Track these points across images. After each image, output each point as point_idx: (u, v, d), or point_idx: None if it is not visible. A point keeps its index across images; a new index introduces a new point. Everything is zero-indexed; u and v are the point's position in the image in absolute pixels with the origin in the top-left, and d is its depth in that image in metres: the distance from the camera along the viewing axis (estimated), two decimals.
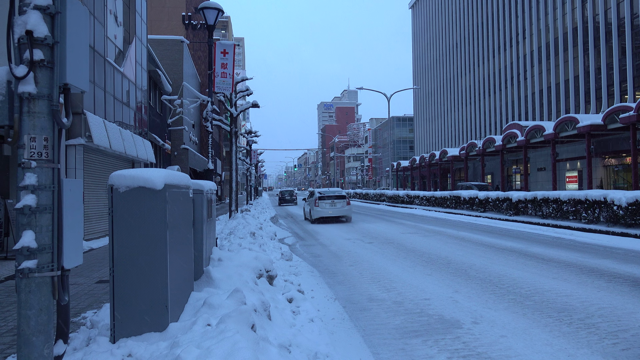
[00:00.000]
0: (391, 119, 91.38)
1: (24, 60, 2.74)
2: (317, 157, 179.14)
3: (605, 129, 29.52)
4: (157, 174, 4.02)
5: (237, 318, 3.64)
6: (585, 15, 43.46)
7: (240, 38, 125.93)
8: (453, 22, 73.67)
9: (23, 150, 2.75)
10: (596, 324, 5.37)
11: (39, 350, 2.75)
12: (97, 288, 7.43)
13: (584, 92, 43.57)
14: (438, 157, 54.97)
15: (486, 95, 62.81)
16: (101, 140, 13.70)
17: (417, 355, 4.63)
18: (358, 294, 7.37)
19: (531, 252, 10.96)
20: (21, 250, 2.72)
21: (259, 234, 12.34)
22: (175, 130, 30.44)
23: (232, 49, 14.46)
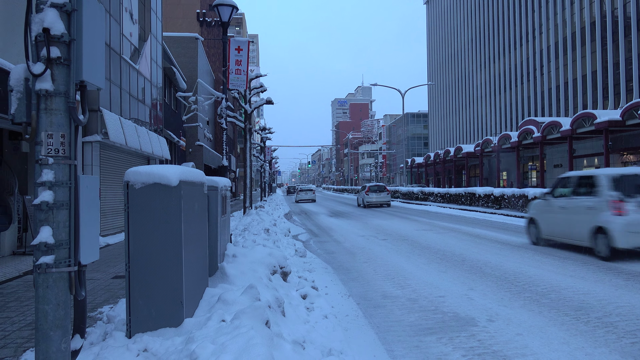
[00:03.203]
0: (405, 115, 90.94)
1: (41, 58, 2.77)
2: (331, 153, 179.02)
3: (623, 124, 29.05)
4: (172, 171, 4.04)
5: (251, 314, 3.65)
6: (603, 9, 42.75)
7: (254, 35, 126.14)
8: (468, 17, 72.97)
9: (40, 147, 2.77)
10: (614, 322, 5.30)
11: (56, 344, 2.78)
12: (114, 283, 7.51)
13: (602, 87, 42.91)
14: (453, 153, 54.58)
15: (502, 91, 62.17)
16: (117, 137, 13.83)
17: (431, 352, 4.61)
18: (372, 290, 7.36)
19: (547, 249, 10.84)
20: (39, 245, 2.75)
21: (273, 230, 12.38)
22: (190, 127, 30.62)
23: (246, 46, 14.50)
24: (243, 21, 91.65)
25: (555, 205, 11.20)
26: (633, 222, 9.05)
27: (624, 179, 9.67)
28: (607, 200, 9.50)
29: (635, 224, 9.05)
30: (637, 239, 9.05)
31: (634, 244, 9.05)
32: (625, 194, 9.36)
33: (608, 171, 10.10)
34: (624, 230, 9.07)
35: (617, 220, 9.20)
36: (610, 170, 10.19)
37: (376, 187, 32.30)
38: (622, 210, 9.23)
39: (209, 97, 31.25)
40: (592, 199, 9.98)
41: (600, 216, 9.55)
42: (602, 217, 9.48)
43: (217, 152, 40.26)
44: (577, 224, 10.30)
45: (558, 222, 11.02)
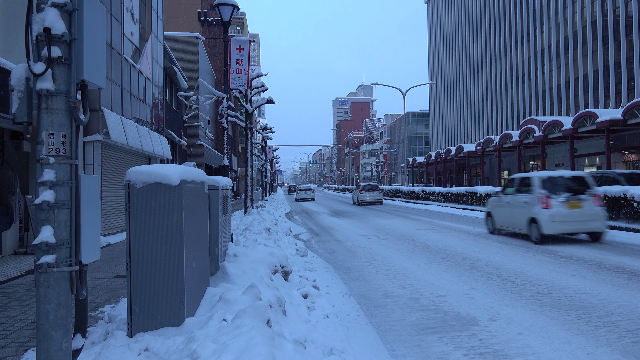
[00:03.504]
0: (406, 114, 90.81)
1: (42, 58, 2.77)
2: (332, 153, 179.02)
3: (625, 124, 29.02)
4: (173, 170, 4.04)
5: (252, 313, 3.65)
6: (604, 8, 42.68)
7: (255, 34, 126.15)
8: (469, 16, 72.90)
9: (41, 146, 2.78)
10: (616, 322, 5.29)
11: (57, 344, 2.79)
12: (115, 283, 7.52)
13: (603, 86, 42.85)
14: (454, 153, 54.56)
15: (503, 90, 62.11)
16: (118, 137, 13.84)
17: (433, 352, 4.61)
18: (373, 290, 7.36)
19: (549, 249, 10.83)
20: (40, 245, 2.75)
21: (274, 229, 12.38)
22: (191, 127, 30.63)
23: (247, 45, 14.50)
24: (244, 20, 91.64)
25: (505, 201, 13.71)
26: (556, 214, 11.54)
27: (551, 179, 12.17)
28: (538, 196, 11.89)
29: (558, 215, 11.53)
30: (559, 227, 11.56)
31: (557, 231, 11.57)
32: (552, 192, 11.84)
33: (539, 173, 12.53)
34: (549, 220, 11.52)
35: (544, 212, 11.62)
36: (541, 172, 12.66)
37: (369, 187, 35.30)
38: (548, 205, 11.66)
39: (210, 97, 31.27)
40: (528, 195, 12.39)
41: (533, 209, 11.95)
42: (534, 210, 11.88)
43: (218, 151, 40.28)
44: (518, 216, 12.75)
45: (506, 215, 13.55)
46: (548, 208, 11.61)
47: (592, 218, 11.79)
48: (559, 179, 12.30)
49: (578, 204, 11.74)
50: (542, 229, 11.55)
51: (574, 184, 12.21)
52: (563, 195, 11.77)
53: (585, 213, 11.74)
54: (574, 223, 11.69)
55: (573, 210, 11.69)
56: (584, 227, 11.83)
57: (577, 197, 11.82)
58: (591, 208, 11.81)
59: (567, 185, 12.15)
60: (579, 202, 11.75)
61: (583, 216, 11.73)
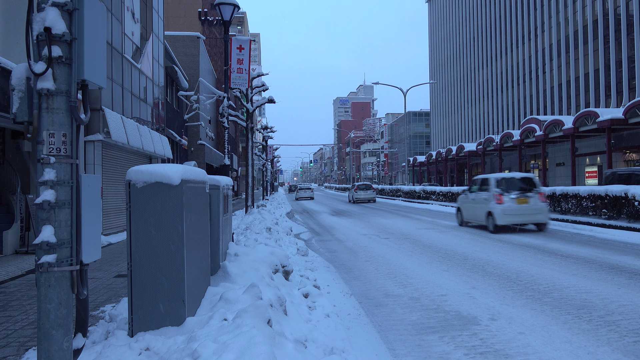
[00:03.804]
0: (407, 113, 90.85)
1: (43, 57, 2.77)
2: (333, 152, 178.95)
3: (626, 123, 29.00)
4: (174, 170, 4.04)
5: (253, 313, 3.65)
6: (605, 7, 42.63)
7: (256, 34, 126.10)
8: (470, 15, 72.85)
9: (42, 146, 2.77)
10: (617, 321, 5.29)
11: (58, 343, 2.79)
12: (116, 282, 7.52)
13: (604, 85, 42.80)
14: (455, 152, 54.54)
15: (504, 89, 62.06)
16: (119, 136, 13.84)
17: (433, 351, 4.61)
18: (374, 289, 7.36)
19: (549, 248, 10.83)
20: (41, 244, 2.75)
21: (275, 229, 12.38)
22: (191, 126, 30.64)
23: (248, 45, 14.49)
24: (245, 20, 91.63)
25: (470, 198, 16.19)
26: (507, 208, 13.96)
27: (505, 180, 14.73)
28: (494, 194, 14.31)
29: (509, 209, 13.95)
30: (510, 219, 13.99)
31: (508, 222, 14.05)
32: (504, 190, 14.23)
33: (495, 175, 15.17)
34: (502, 214, 13.96)
35: (498, 207, 14.05)
36: (496, 174, 15.28)
37: (364, 186, 38.08)
38: (501, 201, 14.06)
39: (210, 96, 31.27)
40: (486, 193, 14.81)
41: (489, 204, 14.42)
42: (491, 205, 14.33)
43: (219, 151, 40.28)
44: (479, 210, 15.22)
45: (471, 210, 16.05)
46: (501, 203, 14.05)
47: (537, 212, 14.17)
48: (511, 180, 14.77)
49: (526, 200, 14.08)
50: (496, 220, 14.03)
51: (524, 184, 14.57)
52: (514, 193, 14.15)
53: (532, 208, 14.10)
54: (522, 216, 14.09)
55: (521, 205, 14.03)
56: (530, 219, 14.24)
57: (525, 195, 14.14)
58: (537, 203, 14.17)
59: (518, 185, 14.54)
60: (526, 198, 14.08)
61: (530, 210, 14.08)
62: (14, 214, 10.85)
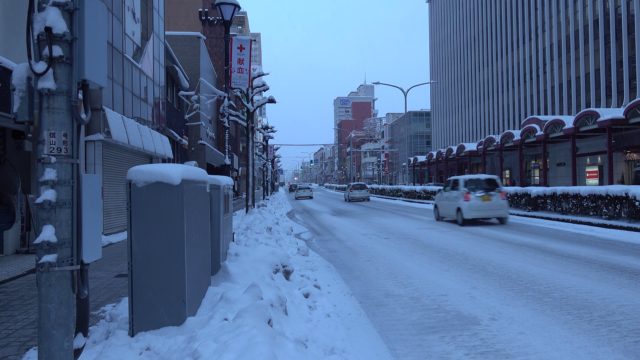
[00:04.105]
0: (408, 113, 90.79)
1: (43, 57, 2.77)
2: (334, 152, 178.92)
3: (627, 123, 28.97)
4: (175, 169, 4.04)
5: (253, 313, 3.65)
6: (606, 7, 42.60)
7: (257, 33, 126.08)
8: (471, 15, 72.81)
9: (43, 145, 2.77)
10: (617, 321, 5.29)
11: (59, 343, 2.79)
12: (116, 282, 7.52)
13: (605, 85, 42.77)
14: (455, 152, 54.51)
15: (504, 89, 62.04)
16: (120, 136, 13.85)
17: (434, 351, 4.60)
18: (375, 289, 7.36)
19: (550, 248, 10.83)
20: (41, 244, 2.75)
21: (276, 229, 12.38)
22: (192, 126, 30.63)
23: (248, 45, 14.49)
24: (245, 20, 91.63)
25: (444, 196, 18.56)
26: (473, 204, 16.42)
27: (471, 180, 17.14)
28: (462, 193, 16.74)
29: (474, 206, 16.41)
30: (475, 214, 16.45)
31: (473, 216, 16.46)
32: (470, 189, 16.67)
33: (463, 176, 17.62)
34: (468, 209, 16.45)
35: (465, 204, 16.53)
36: (465, 176, 17.86)
37: (359, 186, 41.19)
38: (468, 198, 16.51)
39: (211, 96, 31.27)
40: (456, 192, 17.24)
41: (459, 201, 16.88)
42: (459, 202, 16.79)
43: (220, 150, 40.28)
44: (451, 207, 17.66)
45: (445, 206, 18.42)
46: (468, 201, 16.50)
47: (498, 208, 16.63)
48: (477, 180, 17.13)
49: (489, 198, 16.52)
50: (463, 215, 16.54)
51: (488, 184, 16.91)
52: (479, 192, 16.57)
53: (494, 204, 16.54)
54: (485, 211, 16.56)
55: (485, 202, 16.48)
56: (493, 213, 16.73)
57: (489, 193, 16.60)
58: (498, 201, 16.60)
59: (483, 185, 16.87)
60: (489, 196, 16.53)
61: (492, 206, 16.55)
62: (14, 214, 10.86)
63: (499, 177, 22.25)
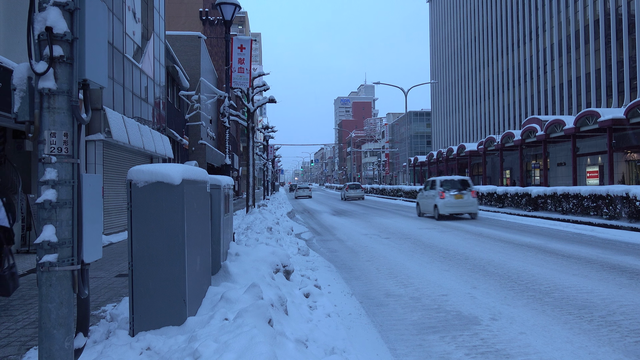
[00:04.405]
0: (408, 113, 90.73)
1: (44, 57, 2.76)
2: (334, 152, 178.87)
3: (627, 123, 28.93)
4: (175, 169, 4.04)
5: (254, 312, 3.65)
6: (607, 7, 42.57)
7: (257, 33, 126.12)
8: (471, 15, 72.77)
9: (43, 145, 2.77)
10: (618, 321, 5.28)
11: (59, 342, 2.79)
12: (117, 282, 7.53)
13: (606, 85, 42.74)
14: (456, 152, 54.46)
15: (505, 89, 62.01)
16: (120, 136, 13.85)
17: (434, 351, 4.60)
18: (375, 289, 7.36)
19: (551, 248, 10.82)
20: (42, 244, 2.75)
21: (276, 229, 12.37)
22: (192, 126, 30.63)
23: (249, 44, 14.48)
24: (246, 20, 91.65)
25: (424, 195, 20.98)
26: (447, 202, 18.76)
27: (446, 181, 19.40)
28: (438, 192, 19.04)
29: (448, 203, 18.75)
30: (449, 210, 18.80)
31: (448, 212, 18.88)
32: (445, 189, 18.95)
33: (440, 177, 19.92)
34: (443, 206, 18.82)
35: (440, 201, 18.88)
36: (441, 177, 20.00)
37: (354, 185, 45.06)
38: (443, 196, 18.83)
39: (211, 96, 31.26)
40: (434, 191, 19.60)
41: (435, 199, 19.19)
42: (436, 200, 19.12)
43: (220, 150, 40.28)
44: (429, 204, 20.03)
45: (425, 204, 20.86)
46: (443, 198, 18.81)
47: (469, 205, 18.92)
48: (451, 181, 19.37)
49: (461, 196, 18.79)
50: (439, 211, 18.97)
51: (461, 184, 19.13)
52: (453, 191, 18.86)
53: (465, 202, 18.83)
54: (458, 207, 18.82)
55: (458, 200, 18.78)
56: (464, 210, 18.96)
57: (461, 192, 18.88)
58: (469, 198, 18.88)
59: (457, 185, 19.08)
60: (461, 195, 18.80)
61: (464, 203, 18.82)
62: (15, 214, 10.85)
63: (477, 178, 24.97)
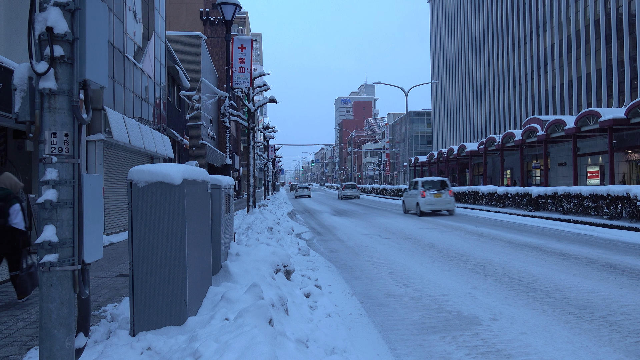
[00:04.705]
0: (409, 113, 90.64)
1: (45, 57, 2.76)
2: (335, 152, 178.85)
3: (628, 123, 28.92)
4: (176, 169, 4.04)
5: (254, 312, 3.65)
6: (607, 7, 42.54)
7: (258, 33, 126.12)
8: (472, 15, 72.74)
9: (44, 145, 2.78)
10: (619, 321, 5.28)
11: (60, 342, 2.79)
12: (117, 282, 7.53)
13: (606, 85, 42.71)
14: (456, 152, 54.45)
15: (505, 89, 61.98)
16: (121, 136, 13.85)
17: (435, 351, 4.60)
18: (375, 289, 7.35)
19: (551, 248, 10.82)
20: (42, 244, 2.75)
21: (277, 229, 12.37)
22: (193, 126, 30.64)
23: (249, 44, 14.48)
24: (246, 20, 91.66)
25: (409, 194, 23.57)
26: (428, 200, 21.27)
27: (427, 182, 21.97)
28: (420, 191, 21.56)
29: (429, 201, 21.26)
30: (429, 207, 21.37)
31: (428, 209, 21.48)
32: (426, 189, 21.56)
33: (421, 178, 22.34)
34: (424, 204, 21.34)
35: (422, 199, 21.38)
36: (422, 178, 22.40)
37: (350, 185, 48.34)
38: (424, 195, 21.32)
39: (212, 96, 31.26)
40: (416, 190, 22.16)
41: (417, 198, 21.67)
42: (418, 198, 21.56)
43: (221, 150, 40.29)
44: (412, 202, 22.58)
45: (409, 202, 23.39)
46: (424, 197, 21.41)
47: (447, 202, 21.57)
48: (431, 182, 22.06)
49: (440, 195, 21.39)
50: (421, 208, 21.58)
51: (440, 185, 21.82)
52: (433, 190, 21.51)
53: (444, 200, 21.47)
54: (437, 205, 21.51)
55: (437, 198, 21.39)
56: (443, 207, 21.68)
57: (440, 191, 21.49)
58: (447, 197, 21.49)
59: (437, 185, 21.78)
60: (440, 194, 21.40)
61: (442, 201, 21.49)
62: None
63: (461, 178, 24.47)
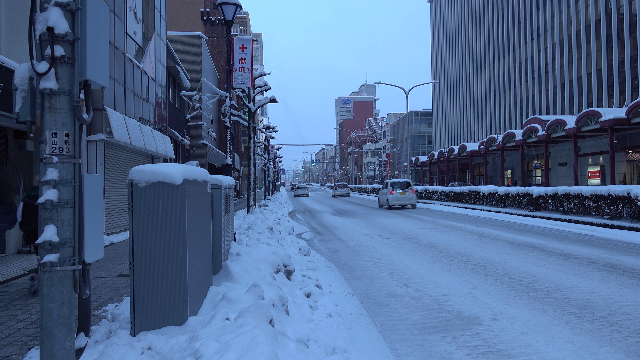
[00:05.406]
0: (409, 113, 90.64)
1: (45, 57, 2.77)
2: (335, 152, 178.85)
3: (629, 123, 28.90)
4: (176, 169, 4.04)
5: (255, 312, 3.65)
6: (608, 7, 42.52)
7: (258, 33, 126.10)
8: (473, 15, 72.72)
9: (45, 145, 2.78)
10: (619, 321, 5.28)
11: (61, 342, 2.79)
12: (118, 282, 7.53)
13: (607, 85, 42.69)
14: (457, 152, 54.45)
15: (506, 89, 61.96)
16: (121, 136, 13.86)
17: (435, 351, 4.60)
18: (376, 289, 7.35)
19: (552, 248, 10.81)
20: (43, 244, 2.75)
21: (277, 229, 12.37)
22: (194, 126, 30.65)
23: (250, 44, 14.48)
24: (247, 20, 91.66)
25: (382, 192, 29.55)
26: (394, 197, 27.23)
27: (395, 183, 27.73)
28: (389, 189, 27.56)
29: (395, 197, 27.23)
30: (396, 202, 27.36)
31: (395, 204, 27.65)
32: (394, 188, 27.51)
33: (390, 180, 28.94)
34: (392, 200, 27.34)
35: (390, 196, 27.37)
36: (391, 179, 30.71)
37: (342, 185, 54.63)
38: (392, 193, 27.28)
39: (212, 96, 31.27)
40: (387, 189, 27.96)
41: (387, 195, 27.80)
42: (387, 195, 27.76)
43: (221, 150, 40.29)
44: (384, 198, 28.74)
45: (382, 198, 29.65)
46: (392, 194, 27.10)
47: (410, 199, 27.18)
48: (398, 182, 27.57)
49: (404, 192, 27.04)
50: (389, 203, 27.39)
51: (405, 185, 27.42)
52: (399, 189, 27.20)
53: (407, 197, 27.10)
54: (402, 200, 27.10)
55: (402, 195, 27.01)
56: (407, 202, 27.28)
57: (404, 189, 27.19)
58: (410, 194, 27.09)
59: (403, 185, 27.42)
60: (405, 192, 27.06)
61: (406, 198, 27.09)
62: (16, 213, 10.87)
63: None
